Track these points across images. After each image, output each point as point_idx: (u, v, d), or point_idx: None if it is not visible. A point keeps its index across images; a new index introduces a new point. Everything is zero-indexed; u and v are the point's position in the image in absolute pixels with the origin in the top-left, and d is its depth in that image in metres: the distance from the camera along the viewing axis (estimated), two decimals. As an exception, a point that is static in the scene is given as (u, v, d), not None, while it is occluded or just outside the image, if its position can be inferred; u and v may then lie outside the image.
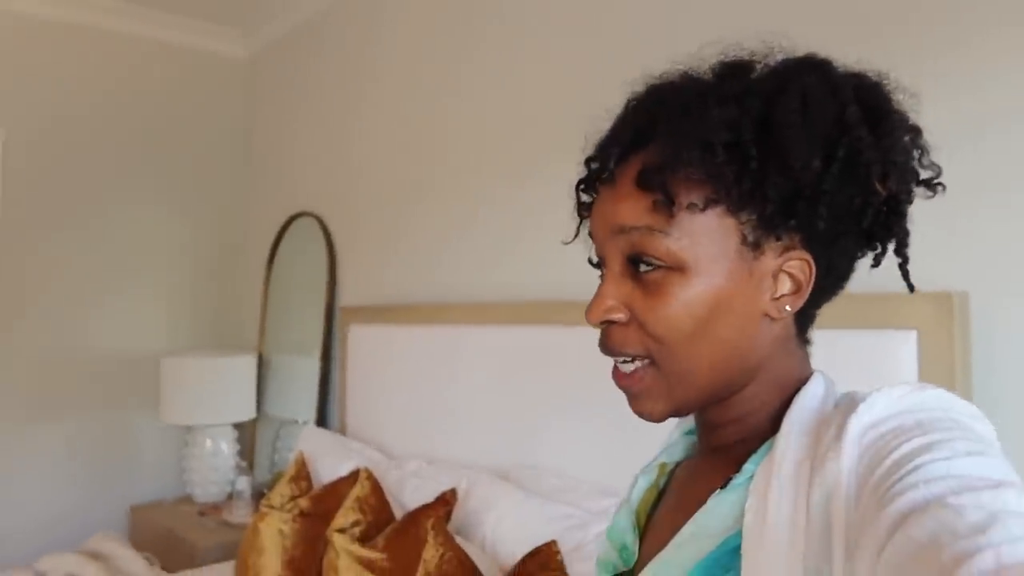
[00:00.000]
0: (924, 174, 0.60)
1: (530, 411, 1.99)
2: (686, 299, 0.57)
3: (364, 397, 2.70)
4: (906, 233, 0.60)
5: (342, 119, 3.06)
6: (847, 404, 0.55)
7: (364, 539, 1.78)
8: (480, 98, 2.40)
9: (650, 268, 0.58)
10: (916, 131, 0.59)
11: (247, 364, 3.19)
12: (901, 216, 0.59)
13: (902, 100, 0.59)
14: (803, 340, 0.64)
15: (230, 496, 3.12)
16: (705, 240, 0.57)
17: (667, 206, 0.57)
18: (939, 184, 0.60)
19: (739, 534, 0.55)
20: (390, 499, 1.95)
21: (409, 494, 2.03)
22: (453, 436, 2.26)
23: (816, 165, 0.55)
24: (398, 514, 1.89)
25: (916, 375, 1.29)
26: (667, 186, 0.56)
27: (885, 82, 0.59)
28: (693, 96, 0.58)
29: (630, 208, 0.59)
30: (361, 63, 2.95)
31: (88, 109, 3.28)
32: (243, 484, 2.94)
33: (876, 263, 0.63)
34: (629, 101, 0.63)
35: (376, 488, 1.92)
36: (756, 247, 0.57)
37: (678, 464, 0.73)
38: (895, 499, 0.44)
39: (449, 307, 2.34)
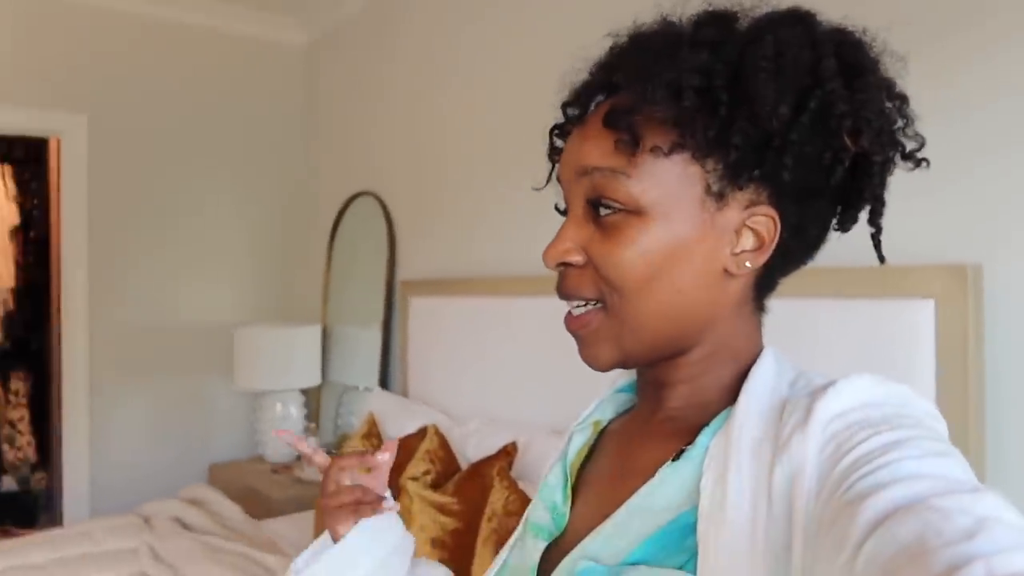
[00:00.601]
0: (909, 145, 0.58)
1: (579, 372, 2.17)
2: (643, 244, 0.56)
3: (424, 363, 2.92)
4: (879, 201, 0.59)
5: (400, 102, 3.25)
6: (806, 387, 0.55)
7: (435, 486, 2.00)
8: (529, 76, 2.56)
9: (610, 211, 0.57)
10: (901, 98, 0.58)
11: (312, 334, 3.43)
12: (872, 178, 0.57)
13: (888, 65, 0.58)
14: (759, 308, 0.63)
15: (298, 456, 3.39)
16: (668, 186, 0.56)
17: (631, 147, 0.55)
18: (923, 159, 0.59)
19: (693, 511, 0.53)
20: (456, 452, 2.16)
21: (471, 449, 2.24)
22: (509, 398, 2.46)
23: (784, 113, 0.53)
24: (463, 465, 2.10)
25: (933, 343, 1.40)
26: (633, 127, 0.55)
27: (870, 41, 0.58)
28: (668, 41, 0.57)
29: (595, 148, 0.58)
30: (418, 48, 3.13)
31: (163, 97, 3.52)
32: (312, 443, 3.18)
33: (844, 228, 0.61)
34: (611, 48, 0.62)
35: (443, 442, 2.13)
36: (720, 198, 0.56)
37: (611, 423, 0.70)
38: (871, 494, 0.43)
39: (502, 279, 2.52)
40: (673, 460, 0.56)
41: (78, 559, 2.08)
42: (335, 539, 0.75)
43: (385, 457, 0.79)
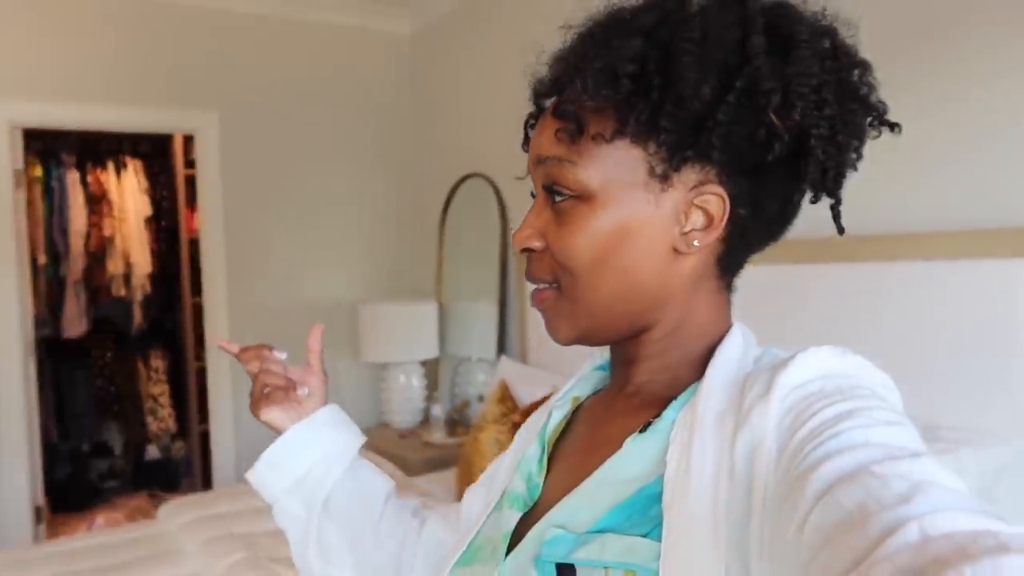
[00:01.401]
0: (869, 114, 0.59)
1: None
2: (590, 228, 0.58)
3: (542, 334, 3.11)
4: (832, 173, 0.57)
5: (504, 86, 3.42)
6: (770, 361, 0.57)
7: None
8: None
9: (562, 198, 0.59)
10: (862, 65, 0.58)
11: (429, 310, 3.67)
12: (814, 151, 0.56)
13: (847, 34, 0.58)
14: (725, 285, 0.64)
15: (422, 422, 3.64)
16: (612, 171, 0.57)
17: (576, 135, 0.58)
18: (893, 124, 0.59)
19: (659, 481, 0.54)
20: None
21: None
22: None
23: (706, 93, 0.54)
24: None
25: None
26: (578, 117, 0.58)
27: (812, 13, 0.58)
28: (608, 30, 0.59)
29: (547, 138, 0.60)
30: (522, 31, 3.29)
31: (284, 91, 3.78)
32: (437, 411, 3.43)
33: (814, 200, 0.61)
34: (564, 41, 0.63)
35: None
36: (664, 179, 0.57)
37: (588, 398, 0.72)
38: (819, 465, 0.44)
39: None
40: (640, 432, 0.58)
41: (259, 511, 2.36)
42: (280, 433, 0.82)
43: (281, 355, 0.86)
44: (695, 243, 0.58)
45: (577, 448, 0.67)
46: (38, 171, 4.11)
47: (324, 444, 0.82)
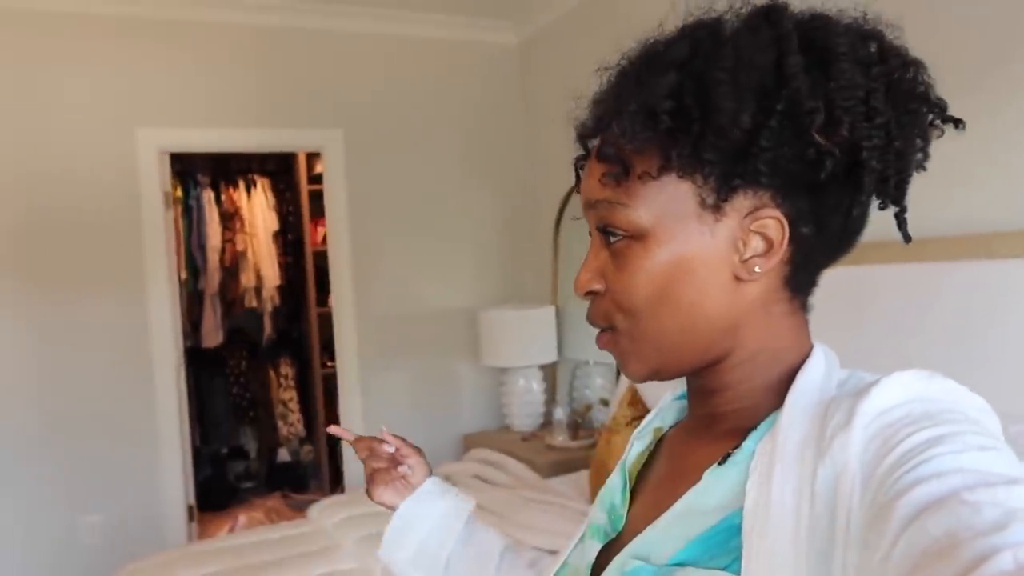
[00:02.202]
0: (928, 113, 0.56)
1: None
2: (647, 267, 0.58)
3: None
4: (880, 179, 0.56)
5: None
6: (855, 386, 0.55)
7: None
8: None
9: (617, 238, 0.59)
10: (916, 64, 0.56)
11: (547, 315, 3.74)
12: (867, 163, 0.54)
13: (893, 37, 0.56)
14: (799, 305, 0.62)
15: (542, 425, 3.71)
16: (663, 206, 0.57)
17: (621, 177, 0.58)
18: (957, 120, 0.57)
19: (738, 513, 0.53)
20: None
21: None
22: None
23: (746, 121, 0.53)
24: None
25: None
26: (623, 158, 0.58)
27: (848, 21, 0.56)
28: (642, 66, 0.59)
29: (594, 182, 0.60)
30: (629, 37, 3.31)
31: (402, 107, 3.93)
32: (560, 414, 3.49)
33: (881, 207, 0.59)
34: (610, 74, 0.63)
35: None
36: (716, 209, 0.57)
37: (670, 429, 0.72)
38: (907, 492, 0.43)
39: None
40: (719, 464, 0.57)
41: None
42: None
43: (388, 448, 0.92)
44: (756, 269, 0.57)
45: (659, 480, 0.67)
46: (178, 192, 4.41)
47: (434, 514, 0.88)
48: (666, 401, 0.74)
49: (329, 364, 4.27)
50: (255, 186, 4.77)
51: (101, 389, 3.39)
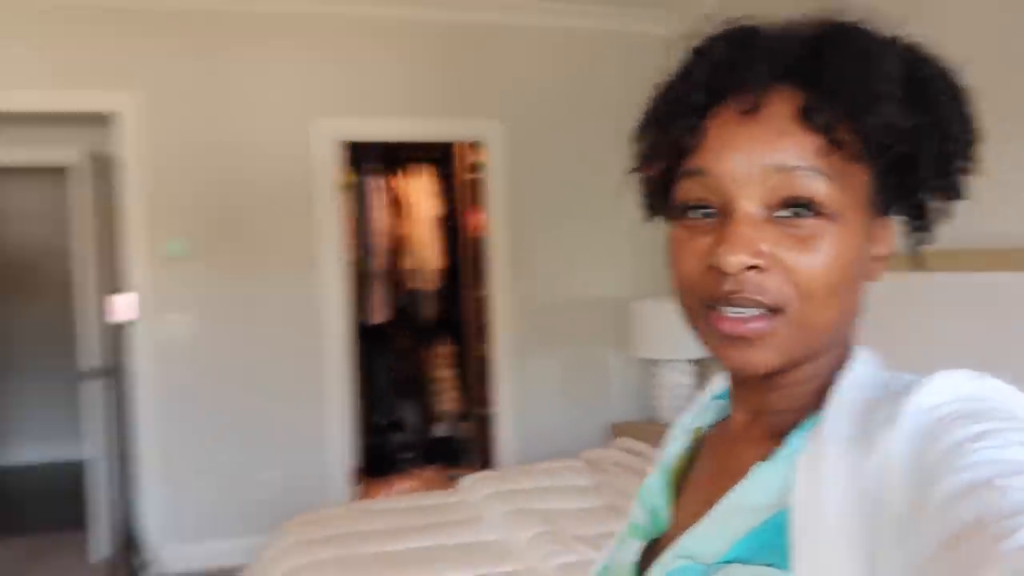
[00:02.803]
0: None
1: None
2: (836, 252, 0.54)
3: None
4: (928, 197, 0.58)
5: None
6: (901, 385, 0.54)
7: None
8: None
9: (807, 214, 0.54)
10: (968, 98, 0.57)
11: (700, 307, 3.68)
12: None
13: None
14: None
15: (691, 419, 3.68)
16: (853, 192, 0.55)
17: (833, 150, 0.53)
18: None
19: (786, 510, 0.52)
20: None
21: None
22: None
23: (967, 139, 0.55)
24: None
25: None
26: (834, 130, 0.53)
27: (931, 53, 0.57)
28: (870, 43, 0.55)
29: (794, 145, 0.54)
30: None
31: (558, 98, 3.99)
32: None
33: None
34: (753, 29, 0.59)
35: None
36: (876, 208, 0.57)
37: (710, 428, 0.70)
38: (945, 483, 0.44)
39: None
40: (765, 461, 0.56)
41: (551, 490, 2.56)
42: None
43: None
44: (880, 272, 0.58)
45: (701, 479, 0.65)
46: (351, 178, 4.72)
47: None
48: (704, 401, 0.72)
49: (484, 346, 4.44)
50: (419, 173, 5.02)
51: (278, 359, 3.72)
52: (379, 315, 4.88)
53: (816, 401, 0.58)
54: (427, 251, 4.96)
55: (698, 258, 0.57)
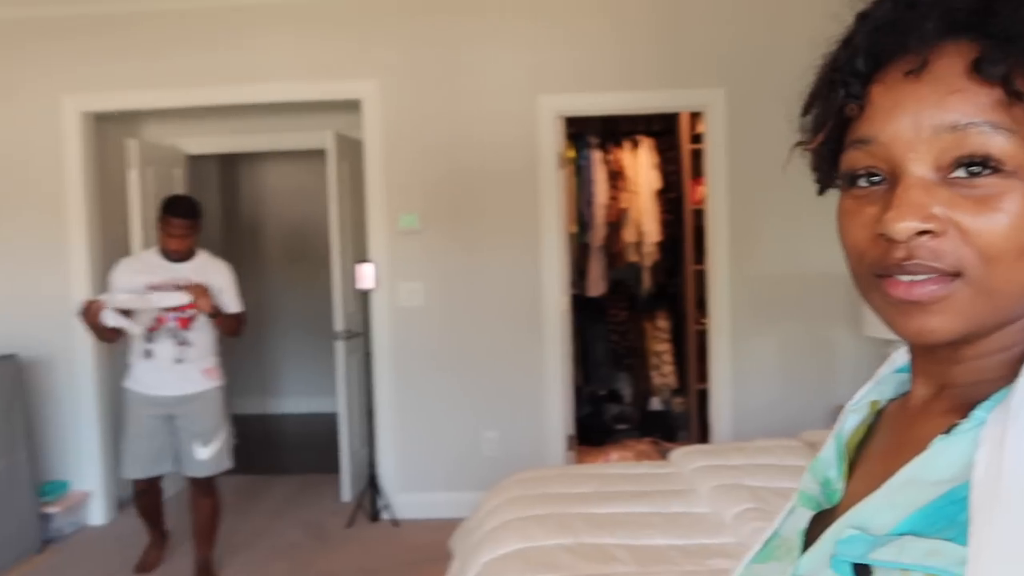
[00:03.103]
0: None
1: None
2: (1022, 210, 0.50)
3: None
4: None
5: None
6: None
7: None
8: None
9: (984, 172, 0.51)
10: None
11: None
12: None
13: None
14: None
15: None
16: None
17: (1013, 102, 0.49)
18: None
19: (966, 485, 0.50)
20: None
21: None
22: None
23: None
24: None
25: None
26: (1012, 80, 0.49)
27: None
28: None
29: (966, 102, 0.51)
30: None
31: (782, 62, 3.77)
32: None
33: None
34: None
35: None
36: None
37: (889, 402, 0.66)
38: None
39: None
40: (946, 433, 0.53)
41: (764, 467, 2.48)
42: None
43: None
44: None
45: (878, 453, 0.63)
46: (571, 153, 4.81)
47: None
48: (885, 374, 0.69)
49: (703, 321, 4.35)
50: (640, 146, 4.99)
51: (501, 325, 3.93)
52: (597, 288, 4.96)
53: (1008, 374, 0.54)
54: (647, 224, 4.94)
55: (867, 227, 0.55)
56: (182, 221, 3.12)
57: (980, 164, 0.51)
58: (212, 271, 3.22)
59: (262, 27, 3.91)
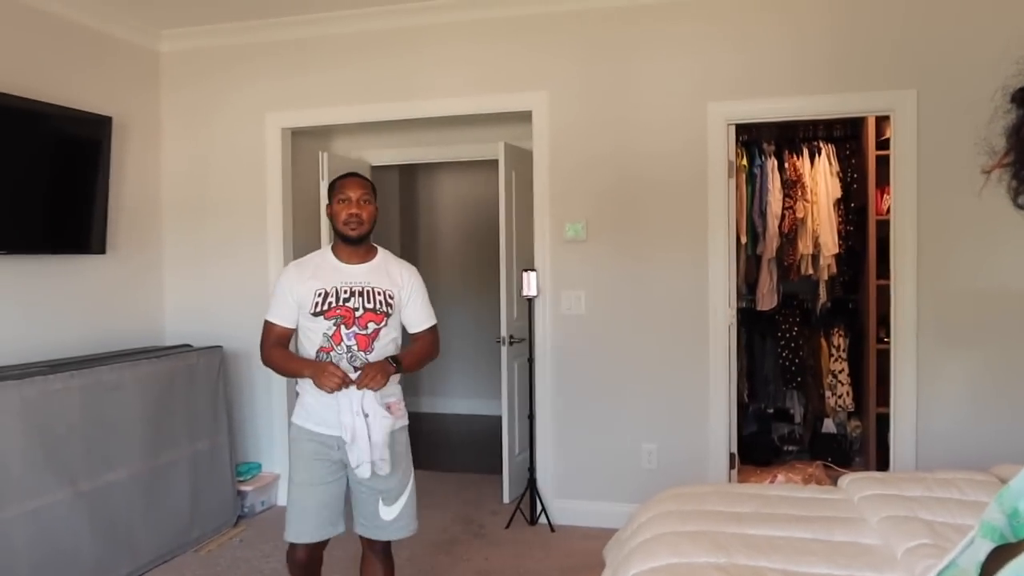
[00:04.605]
0: None
1: None
2: None
3: None
4: None
5: None
6: None
7: None
8: None
9: None
10: None
11: None
12: None
13: None
14: None
15: None
16: None
17: None
18: None
19: None
20: None
21: None
22: None
23: None
24: None
25: None
26: None
27: None
28: None
29: None
30: None
31: (979, 62, 3.44)
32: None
33: None
34: None
35: None
36: None
37: None
38: None
39: None
40: None
41: (946, 501, 2.28)
42: None
43: None
44: None
45: None
46: (743, 161, 4.66)
47: None
48: None
49: (885, 340, 4.06)
50: (819, 153, 4.75)
51: (664, 336, 3.87)
52: (767, 301, 4.76)
53: None
54: (824, 235, 4.68)
55: None
56: (358, 180, 2.56)
57: None
58: (395, 274, 2.61)
59: (438, 46, 4.11)
